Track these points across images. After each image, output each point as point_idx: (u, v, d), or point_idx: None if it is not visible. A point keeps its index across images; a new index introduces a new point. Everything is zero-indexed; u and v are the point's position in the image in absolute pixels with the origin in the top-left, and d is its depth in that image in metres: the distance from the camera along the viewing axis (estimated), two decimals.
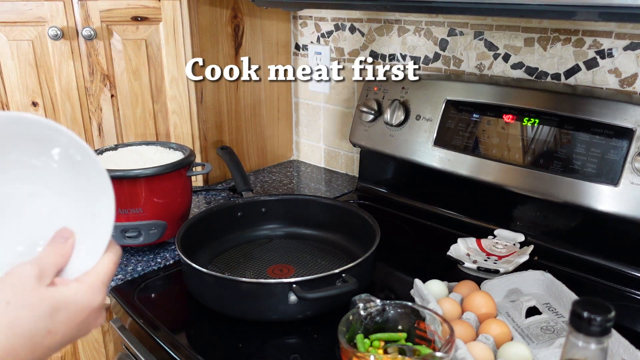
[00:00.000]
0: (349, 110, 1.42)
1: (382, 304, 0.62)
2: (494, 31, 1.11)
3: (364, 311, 0.61)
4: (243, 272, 0.96)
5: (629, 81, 0.96)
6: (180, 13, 1.22)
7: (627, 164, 0.86)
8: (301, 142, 1.60)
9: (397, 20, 1.26)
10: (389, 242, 0.96)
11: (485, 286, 0.83)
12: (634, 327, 0.80)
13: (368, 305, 0.61)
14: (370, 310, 0.61)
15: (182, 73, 1.26)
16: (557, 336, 0.74)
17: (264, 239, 1.08)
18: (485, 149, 1.04)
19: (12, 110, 0.51)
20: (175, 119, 1.30)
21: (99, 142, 1.31)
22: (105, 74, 1.26)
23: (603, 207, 0.89)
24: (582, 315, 0.42)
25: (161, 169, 1.00)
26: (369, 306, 0.61)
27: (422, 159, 1.12)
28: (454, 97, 1.09)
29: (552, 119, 0.96)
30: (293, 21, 1.50)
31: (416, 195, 1.21)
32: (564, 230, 0.99)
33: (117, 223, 1.00)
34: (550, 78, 1.05)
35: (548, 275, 0.84)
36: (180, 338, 0.80)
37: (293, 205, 1.10)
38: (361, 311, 0.61)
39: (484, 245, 1.00)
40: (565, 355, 0.44)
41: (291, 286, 0.78)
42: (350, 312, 0.61)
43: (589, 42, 0.99)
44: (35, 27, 1.21)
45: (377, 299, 0.62)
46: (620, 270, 0.91)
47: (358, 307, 0.61)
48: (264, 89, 1.48)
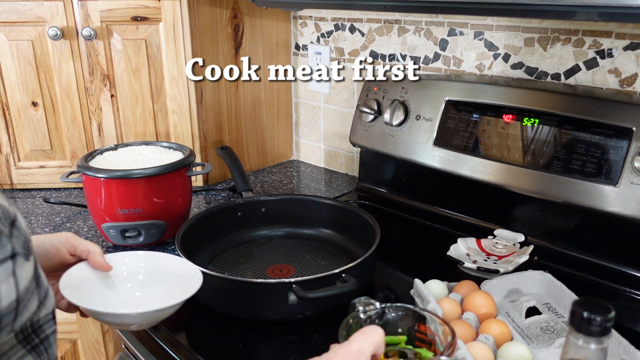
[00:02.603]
0: (349, 110, 1.42)
1: (382, 306, 0.61)
2: (494, 31, 1.11)
3: (363, 314, 0.61)
4: (243, 272, 0.96)
5: (628, 81, 0.96)
6: (180, 13, 1.22)
7: (627, 164, 0.86)
8: (301, 142, 1.60)
9: (397, 20, 1.26)
10: (389, 242, 0.96)
11: (485, 286, 0.83)
12: (634, 327, 0.80)
13: (367, 309, 0.61)
14: (370, 314, 0.61)
15: (182, 73, 1.26)
16: (557, 336, 0.74)
17: (264, 239, 1.08)
18: (485, 149, 1.04)
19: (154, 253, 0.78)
20: (175, 119, 1.30)
21: (99, 142, 1.31)
22: (105, 74, 1.26)
23: (603, 207, 0.88)
24: (582, 315, 0.42)
25: (161, 169, 1.00)
26: (369, 309, 0.61)
27: (422, 159, 1.12)
28: (454, 97, 1.09)
29: (552, 119, 0.96)
30: (293, 21, 1.50)
31: (416, 195, 1.21)
32: (564, 230, 0.99)
33: (117, 223, 1.01)
34: (550, 78, 1.05)
35: (548, 276, 0.84)
36: (180, 338, 0.80)
37: (293, 205, 1.10)
38: (361, 314, 0.61)
39: (484, 245, 1.00)
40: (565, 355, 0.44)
41: (291, 286, 0.78)
42: (350, 315, 0.60)
43: (589, 42, 0.99)
44: (35, 27, 1.21)
45: (376, 301, 0.62)
46: (620, 270, 0.91)
47: (358, 310, 0.61)
48: (264, 89, 1.48)
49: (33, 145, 1.31)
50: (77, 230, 1.14)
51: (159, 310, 0.64)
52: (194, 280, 0.70)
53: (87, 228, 1.15)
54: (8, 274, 0.39)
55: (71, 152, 1.32)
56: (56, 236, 0.69)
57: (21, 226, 0.42)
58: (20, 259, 0.40)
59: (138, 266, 0.74)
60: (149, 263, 0.74)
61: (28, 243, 0.43)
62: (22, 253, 0.41)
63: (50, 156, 1.33)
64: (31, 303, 0.42)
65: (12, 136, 1.30)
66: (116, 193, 0.99)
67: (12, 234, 0.40)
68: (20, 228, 0.42)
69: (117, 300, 0.70)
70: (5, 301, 0.39)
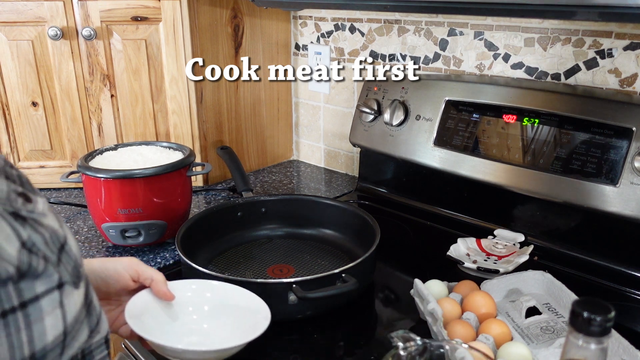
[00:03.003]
0: (349, 110, 1.42)
1: (423, 342, 0.56)
2: (494, 31, 1.11)
3: (403, 351, 0.55)
4: (243, 272, 0.96)
5: (628, 81, 0.96)
6: (180, 13, 1.22)
7: (627, 164, 0.86)
8: (301, 142, 1.60)
9: (397, 20, 1.26)
10: (389, 242, 0.96)
11: (485, 286, 0.83)
12: (634, 327, 0.80)
13: (408, 345, 0.56)
14: (411, 350, 0.56)
15: (182, 73, 1.26)
16: (557, 336, 0.74)
17: (264, 239, 1.08)
18: (485, 149, 1.04)
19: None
20: (175, 119, 1.30)
21: (99, 142, 1.31)
22: (105, 74, 1.26)
23: (603, 207, 0.88)
24: (582, 315, 0.42)
25: (161, 169, 1.00)
26: (409, 345, 0.56)
27: (422, 159, 1.12)
28: (454, 97, 1.09)
29: (552, 119, 0.96)
30: (293, 21, 1.50)
31: (416, 195, 1.21)
32: (564, 230, 0.99)
33: (117, 223, 1.01)
34: (550, 78, 1.05)
35: (548, 275, 0.84)
36: None
37: (293, 205, 1.10)
38: (401, 351, 0.55)
39: (484, 245, 1.00)
40: (565, 355, 0.44)
41: (291, 286, 0.78)
42: (389, 353, 0.55)
43: (589, 42, 0.99)
44: (35, 27, 1.21)
45: (416, 336, 0.57)
46: (620, 270, 0.91)
47: (397, 347, 0.56)
48: (264, 89, 1.48)
49: (33, 145, 1.31)
50: (77, 230, 1.14)
51: (228, 349, 0.62)
52: (260, 316, 0.68)
53: (87, 228, 1.15)
54: (54, 306, 0.36)
55: (71, 152, 1.32)
56: (120, 262, 0.67)
57: (71, 250, 0.39)
58: (68, 288, 0.37)
59: (204, 297, 0.72)
60: (214, 294, 0.72)
61: (78, 269, 0.39)
62: (71, 281, 0.38)
63: (50, 156, 1.33)
64: (81, 333, 0.39)
65: (12, 136, 1.30)
66: (116, 193, 0.99)
67: (60, 260, 0.37)
68: (70, 253, 0.39)
69: (182, 331, 0.68)
70: (50, 335, 0.35)
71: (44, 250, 0.36)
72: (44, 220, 0.38)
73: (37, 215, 0.37)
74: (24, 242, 0.34)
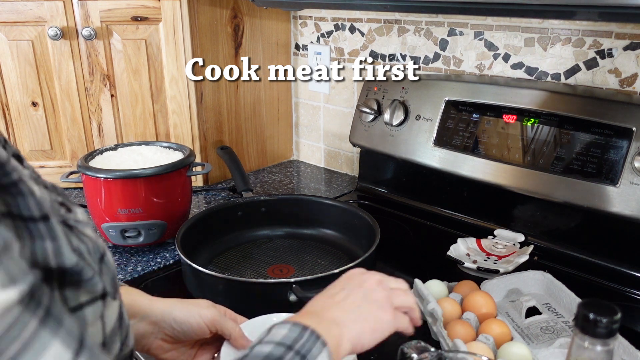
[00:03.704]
0: (349, 110, 1.42)
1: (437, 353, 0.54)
2: (494, 31, 1.11)
3: None
4: (243, 272, 0.96)
5: (628, 81, 0.96)
6: (180, 13, 1.22)
7: (627, 164, 0.86)
8: (301, 142, 1.60)
9: (397, 20, 1.26)
10: (389, 242, 0.96)
11: (485, 286, 0.83)
12: (634, 327, 0.80)
13: (422, 356, 0.54)
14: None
15: (182, 73, 1.26)
16: (557, 336, 0.74)
17: (264, 239, 1.08)
18: (485, 149, 1.04)
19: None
20: (175, 119, 1.30)
21: (99, 142, 1.31)
22: (105, 74, 1.26)
23: (603, 207, 0.88)
24: (588, 317, 0.42)
25: (161, 169, 1.00)
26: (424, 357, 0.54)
27: (422, 159, 1.12)
28: (454, 97, 1.09)
29: (552, 119, 0.96)
30: (293, 21, 1.50)
31: (416, 195, 1.21)
32: (564, 230, 0.99)
33: (117, 223, 1.00)
34: (550, 78, 1.05)
35: (548, 276, 0.84)
36: None
37: (293, 205, 1.10)
38: None
39: (483, 245, 1.00)
40: (570, 357, 0.44)
41: (291, 286, 0.78)
42: None
43: (589, 42, 0.99)
44: (35, 27, 1.21)
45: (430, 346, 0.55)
46: (620, 270, 0.91)
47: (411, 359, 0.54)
48: (264, 89, 1.48)
49: (33, 145, 1.31)
50: None
51: None
52: None
53: None
54: (96, 316, 0.35)
55: (71, 152, 1.32)
56: (202, 315, 0.63)
57: (109, 262, 0.39)
58: (109, 299, 0.37)
59: None
60: None
61: (115, 280, 0.39)
62: (111, 292, 0.37)
63: (50, 156, 1.33)
64: (114, 345, 0.38)
65: (12, 136, 1.30)
66: (116, 193, 0.99)
67: (101, 270, 0.36)
68: (108, 264, 0.38)
69: None
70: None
71: (88, 259, 0.35)
72: (86, 230, 0.38)
73: (80, 225, 0.37)
74: (74, 250, 0.34)
